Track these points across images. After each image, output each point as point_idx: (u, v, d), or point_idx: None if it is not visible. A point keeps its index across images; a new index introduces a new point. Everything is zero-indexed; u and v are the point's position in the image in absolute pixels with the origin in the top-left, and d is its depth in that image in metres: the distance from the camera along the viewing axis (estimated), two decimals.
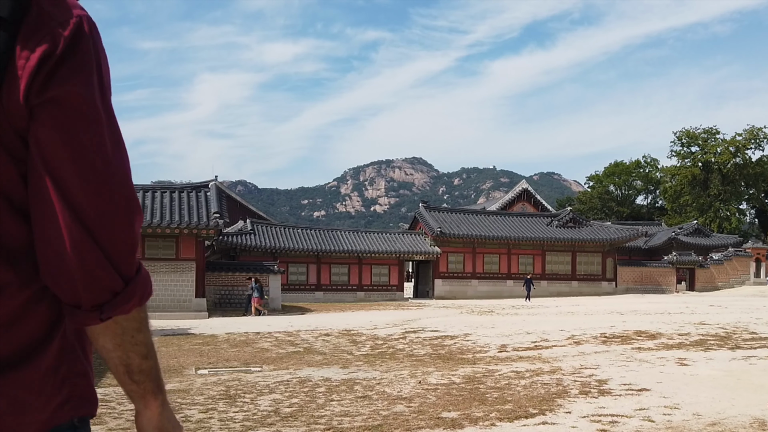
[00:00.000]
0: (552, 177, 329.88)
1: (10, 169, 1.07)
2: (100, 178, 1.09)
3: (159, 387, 1.26)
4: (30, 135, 1.07)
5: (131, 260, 1.13)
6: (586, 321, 21.79)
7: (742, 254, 62.13)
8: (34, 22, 1.06)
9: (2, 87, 1.04)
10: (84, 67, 1.09)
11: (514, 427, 6.99)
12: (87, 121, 1.09)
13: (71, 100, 1.07)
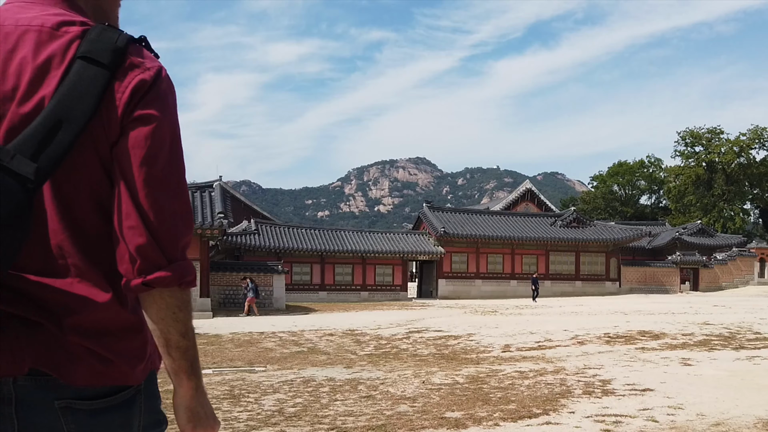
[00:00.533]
0: (556, 177, 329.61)
1: (102, 175, 1.41)
2: (157, 181, 1.40)
3: (194, 369, 1.50)
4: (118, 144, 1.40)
5: (175, 247, 1.42)
6: (589, 321, 21.78)
7: (746, 254, 62.03)
8: (129, 68, 1.42)
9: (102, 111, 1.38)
10: (161, 99, 1.44)
11: (517, 427, 7.00)
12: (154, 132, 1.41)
13: (149, 119, 1.41)
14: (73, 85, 1.37)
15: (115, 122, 1.39)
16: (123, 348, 1.44)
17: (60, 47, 1.41)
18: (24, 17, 1.46)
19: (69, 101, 1.36)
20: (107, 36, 1.43)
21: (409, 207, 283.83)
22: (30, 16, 1.46)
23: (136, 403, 1.50)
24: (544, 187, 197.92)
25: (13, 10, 1.48)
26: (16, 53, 1.42)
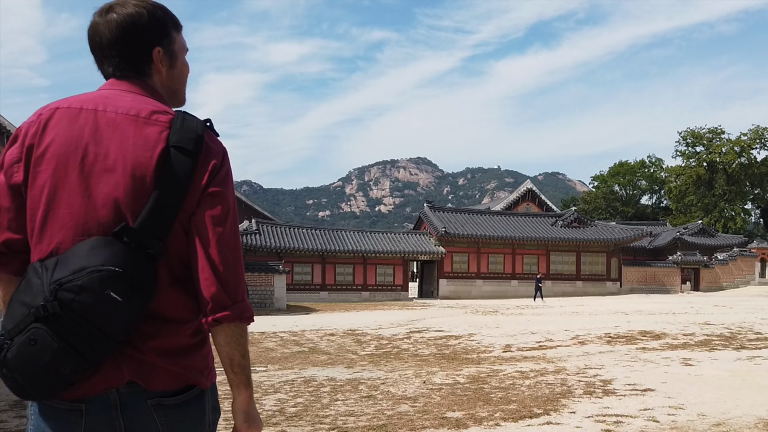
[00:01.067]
0: (556, 177, 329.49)
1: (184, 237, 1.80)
2: (223, 238, 1.79)
3: (249, 382, 1.87)
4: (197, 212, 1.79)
5: (237, 291, 1.81)
6: (590, 321, 21.78)
7: (747, 254, 62.01)
8: (205, 152, 1.80)
9: (189, 193, 1.76)
10: (227, 177, 1.84)
11: (518, 427, 7.01)
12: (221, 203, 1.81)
13: (219, 194, 1.80)
14: (171, 174, 1.75)
15: (195, 198, 1.79)
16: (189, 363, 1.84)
17: (154, 133, 1.79)
18: (122, 105, 1.82)
19: (169, 188, 1.75)
20: (189, 125, 1.82)
21: (410, 207, 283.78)
22: (127, 105, 1.82)
23: (205, 397, 1.89)
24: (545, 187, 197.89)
25: (112, 98, 1.85)
26: (118, 134, 1.78)
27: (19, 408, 8.28)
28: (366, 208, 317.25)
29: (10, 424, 7.33)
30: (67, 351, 1.64)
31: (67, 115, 1.82)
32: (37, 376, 1.66)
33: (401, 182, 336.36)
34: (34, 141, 1.80)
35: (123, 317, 1.68)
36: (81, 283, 1.63)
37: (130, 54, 1.91)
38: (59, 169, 1.76)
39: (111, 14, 1.90)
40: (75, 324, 1.64)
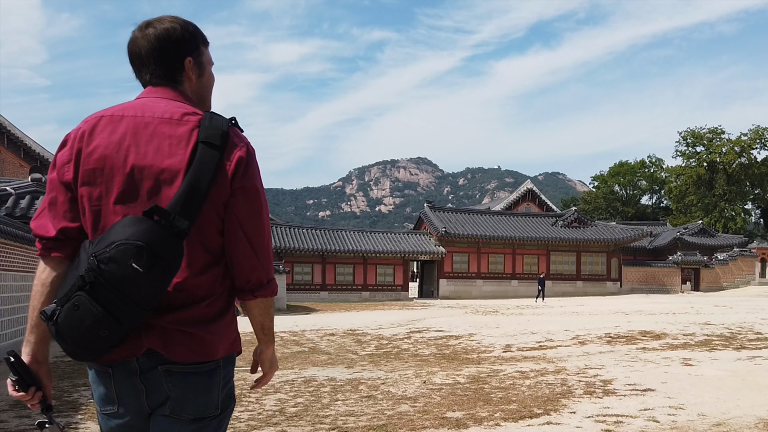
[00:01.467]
0: (557, 177, 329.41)
1: (219, 221, 2.10)
2: (260, 227, 2.14)
3: (273, 339, 2.38)
4: (229, 204, 2.08)
5: (270, 269, 2.20)
6: (590, 321, 21.78)
7: (748, 254, 62.01)
8: (230, 146, 2.08)
9: (216, 181, 2.04)
10: (254, 169, 2.13)
11: (518, 427, 7.00)
12: (256, 198, 2.12)
13: (249, 187, 2.10)
14: (199, 164, 2.03)
15: (225, 188, 2.07)
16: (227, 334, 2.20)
17: (185, 132, 2.08)
18: (158, 109, 2.11)
19: (198, 176, 2.02)
20: (215, 123, 2.10)
21: (410, 207, 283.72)
22: (162, 109, 2.11)
23: (216, 373, 2.15)
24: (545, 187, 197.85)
25: (149, 104, 2.13)
26: (155, 135, 2.07)
27: (19, 408, 8.29)
28: (366, 208, 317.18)
29: (10, 424, 7.33)
30: (104, 316, 1.92)
31: (110, 122, 2.12)
32: (82, 339, 1.97)
33: (401, 182, 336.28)
34: (82, 144, 2.10)
35: (147, 287, 1.92)
36: (109, 255, 1.89)
37: (166, 63, 2.21)
38: (106, 167, 2.07)
39: (149, 29, 2.20)
40: (108, 292, 1.90)
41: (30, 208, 17.65)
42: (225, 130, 2.09)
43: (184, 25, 2.22)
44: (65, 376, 11.28)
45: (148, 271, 1.90)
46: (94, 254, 1.91)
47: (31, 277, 15.90)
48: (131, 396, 2.10)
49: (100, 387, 2.15)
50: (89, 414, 7.88)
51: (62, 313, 1.96)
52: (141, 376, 2.07)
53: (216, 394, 2.15)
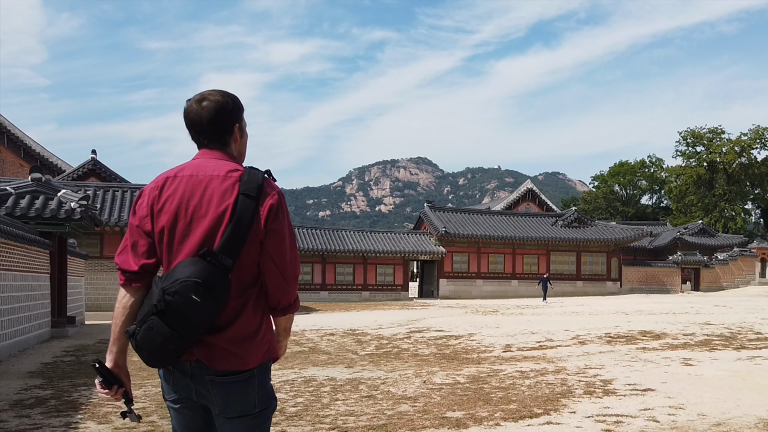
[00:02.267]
0: (557, 177, 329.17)
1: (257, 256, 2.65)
2: (286, 260, 2.67)
3: (289, 334, 2.93)
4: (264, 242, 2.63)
5: (295, 293, 2.76)
6: (590, 321, 21.78)
7: (748, 254, 62.04)
8: (264, 196, 2.62)
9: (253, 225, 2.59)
10: (282, 213, 2.66)
11: (518, 427, 7.00)
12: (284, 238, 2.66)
13: (278, 229, 2.64)
14: (240, 212, 2.60)
15: (260, 229, 2.62)
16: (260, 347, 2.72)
17: (230, 185, 2.65)
18: (209, 168, 2.71)
19: (239, 222, 2.59)
20: (252, 177, 2.66)
21: (410, 207, 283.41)
22: (212, 167, 2.71)
23: (251, 380, 2.69)
24: (546, 187, 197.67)
25: (202, 164, 2.73)
26: (207, 190, 2.66)
27: (18, 408, 8.29)
28: (366, 208, 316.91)
29: (10, 424, 7.33)
30: (171, 334, 2.53)
31: (173, 182, 2.72)
32: (155, 351, 2.56)
33: (401, 182, 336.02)
34: (154, 201, 2.71)
35: (204, 312, 2.53)
36: (175, 290, 2.51)
37: (220, 129, 2.80)
38: (171, 218, 2.68)
39: (205, 102, 2.78)
40: (175, 317, 2.51)
41: (30, 208, 17.66)
42: (260, 183, 2.67)
43: (232, 97, 2.85)
44: (65, 376, 11.28)
45: (204, 301, 2.52)
46: (163, 289, 2.54)
47: (30, 277, 15.92)
48: (185, 390, 2.73)
49: (167, 378, 2.78)
50: (89, 414, 7.88)
51: (140, 332, 2.57)
52: (192, 378, 2.68)
53: (253, 397, 2.72)
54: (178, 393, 2.76)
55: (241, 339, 2.65)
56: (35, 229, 17.28)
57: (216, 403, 2.69)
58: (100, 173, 41.38)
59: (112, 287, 28.27)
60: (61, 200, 18.39)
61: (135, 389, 9.72)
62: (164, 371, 2.77)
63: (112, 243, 28.69)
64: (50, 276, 18.50)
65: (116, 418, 7.60)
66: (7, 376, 11.12)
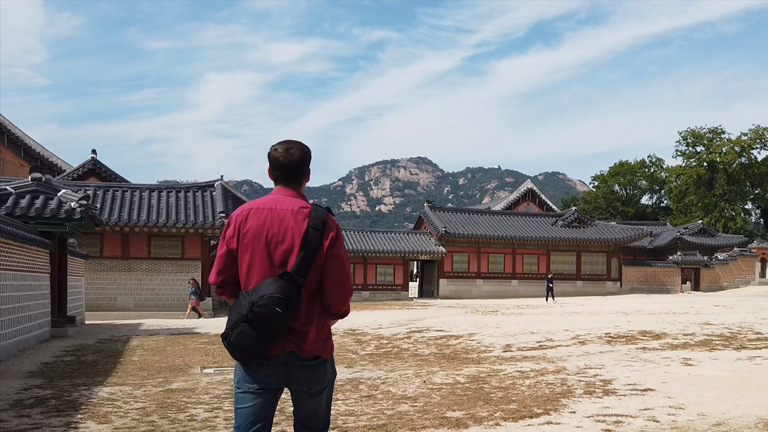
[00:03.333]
0: (557, 177, 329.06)
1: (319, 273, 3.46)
2: (345, 278, 3.50)
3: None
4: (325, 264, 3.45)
5: (349, 302, 3.58)
6: (590, 321, 21.78)
7: (748, 254, 62.02)
8: (327, 229, 3.42)
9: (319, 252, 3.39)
10: (340, 243, 3.48)
11: (518, 426, 7.00)
12: (342, 261, 3.48)
13: (337, 254, 3.45)
14: (309, 242, 3.36)
15: (323, 255, 3.41)
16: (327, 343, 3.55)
17: (301, 220, 3.41)
18: (285, 204, 3.47)
19: (308, 250, 3.36)
20: (319, 214, 3.43)
21: (410, 207, 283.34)
22: (287, 203, 3.47)
23: (325, 364, 3.55)
24: (546, 186, 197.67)
25: (280, 199, 3.50)
26: (283, 223, 3.42)
27: (18, 408, 8.29)
28: (366, 208, 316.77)
29: (10, 424, 7.33)
30: (258, 337, 3.33)
31: (256, 212, 3.50)
32: (245, 351, 3.37)
33: (401, 182, 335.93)
34: (241, 226, 3.49)
35: (284, 320, 3.33)
36: (263, 303, 3.29)
37: (300, 173, 3.62)
38: (253, 242, 3.44)
39: (292, 150, 3.58)
40: (261, 324, 3.31)
41: (30, 208, 17.66)
42: (324, 218, 3.47)
43: (308, 147, 3.66)
44: (65, 375, 11.28)
45: (284, 312, 3.31)
46: (252, 302, 3.32)
47: (30, 277, 15.91)
48: (274, 378, 3.48)
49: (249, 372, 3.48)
50: (89, 413, 7.88)
51: (233, 336, 3.37)
52: (284, 365, 3.47)
53: (327, 375, 3.59)
54: (263, 382, 3.48)
55: (322, 339, 3.54)
56: (35, 229, 17.28)
57: (303, 381, 3.51)
58: (100, 173, 41.41)
59: (111, 287, 28.29)
60: (61, 200, 18.39)
61: (135, 389, 9.73)
62: (252, 365, 3.47)
63: (112, 243, 28.69)
64: (50, 276, 18.50)
65: (116, 418, 7.61)
66: (7, 376, 11.12)
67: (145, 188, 30.90)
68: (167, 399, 8.87)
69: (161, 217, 28.79)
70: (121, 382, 10.47)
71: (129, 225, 27.90)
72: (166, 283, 28.54)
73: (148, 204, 29.66)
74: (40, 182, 19.12)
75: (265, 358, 3.43)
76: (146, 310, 28.29)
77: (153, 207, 29.48)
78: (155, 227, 28.16)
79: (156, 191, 30.80)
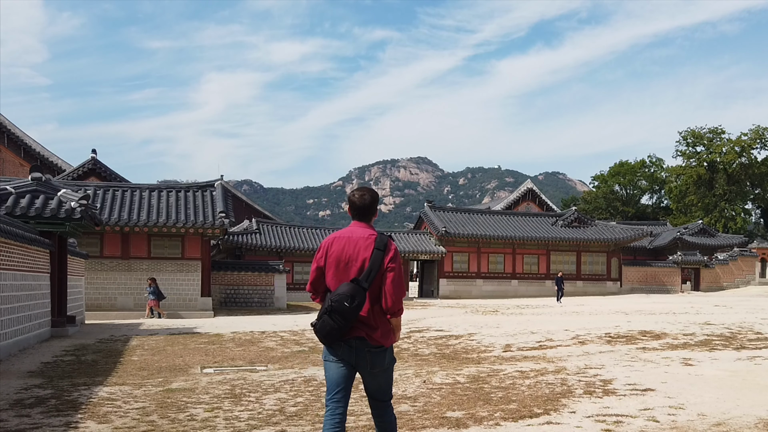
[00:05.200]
0: (557, 177, 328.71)
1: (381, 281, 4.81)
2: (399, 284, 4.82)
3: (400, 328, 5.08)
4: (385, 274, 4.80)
5: (402, 304, 4.89)
6: (590, 321, 21.78)
7: (748, 254, 62.00)
8: (387, 250, 4.82)
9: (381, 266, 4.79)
10: (397, 259, 4.84)
11: (518, 426, 7.01)
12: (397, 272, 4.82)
13: (393, 267, 4.80)
14: (374, 259, 4.74)
15: (383, 269, 4.75)
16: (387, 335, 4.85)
17: (369, 244, 4.80)
18: (358, 233, 4.86)
19: (373, 264, 4.73)
20: (381, 239, 4.81)
21: (410, 206, 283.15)
22: (359, 233, 4.86)
23: (387, 351, 4.85)
24: (546, 186, 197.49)
25: (354, 231, 4.88)
26: (356, 247, 4.80)
27: (18, 407, 8.29)
28: None
29: (10, 423, 7.33)
30: (334, 325, 4.65)
31: (337, 240, 4.84)
32: (326, 335, 4.69)
33: (402, 182, 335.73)
34: (327, 250, 4.84)
35: (352, 312, 4.61)
36: (336, 299, 4.63)
37: (370, 212, 4.95)
38: (334, 261, 4.80)
39: (366, 195, 4.94)
40: (336, 315, 4.62)
41: (30, 207, 17.67)
42: (385, 242, 4.80)
43: (376, 193, 5.03)
44: (65, 375, 11.28)
45: (351, 305, 4.62)
46: (330, 299, 4.68)
47: (30, 277, 15.91)
48: (348, 356, 4.79)
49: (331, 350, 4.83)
50: (89, 413, 7.88)
51: (318, 324, 4.74)
52: (355, 349, 4.77)
53: (388, 359, 4.88)
54: (341, 357, 4.80)
55: (386, 333, 4.85)
56: (35, 229, 17.28)
57: (369, 364, 4.81)
58: (100, 173, 41.42)
59: (111, 287, 28.29)
60: (61, 200, 18.39)
61: (135, 389, 9.73)
62: (333, 345, 4.80)
63: (112, 242, 28.68)
64: (50, 275, 18.50)
65: (116, 418, 7.61)
66: (7, 376, 11.12)
67: (145, 188, 30.90)
68: (167, 399, 8.88)
69: (161, 216, 28.78)
70: (121, 382, 10.47)
71: (129, 225, 27.89)
72: (166, 283, 28.52)
73: (148, 204, 29.65)
74: (40, 182, 19.12)
75: (343, 341, 4.76)
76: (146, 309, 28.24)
77: (153, 207, 29.48)
78: (155, 227, 28.15)
79: (156, 191, 30.80)
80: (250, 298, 34.68)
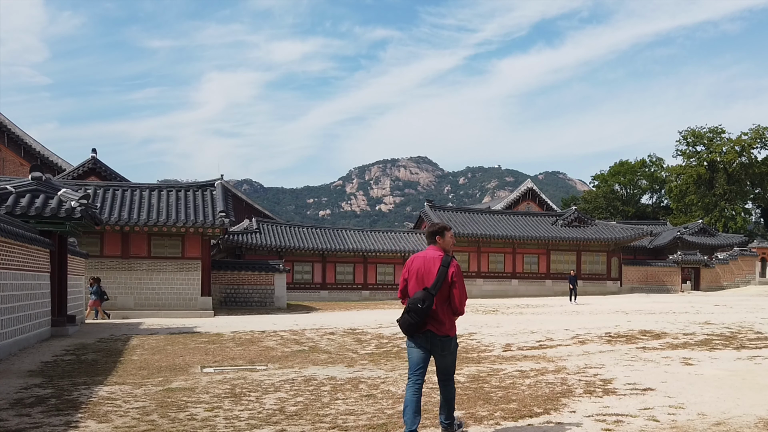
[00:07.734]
0: (557, 176, 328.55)
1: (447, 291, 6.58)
2: (461, 293, 6.62)
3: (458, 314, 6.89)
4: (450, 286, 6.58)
5: (464, 307, 6.69)
6: (590, 320, 21.78)
7: (748, 254, 61.97)
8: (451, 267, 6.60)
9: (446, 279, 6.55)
10: (459, 274, 6.65)
11: (518, 426, 7.01)
12: (461, 284, 6.61)
13: (457, 281, 6.59)
14: (440, 273, 6.50)
15: (448, 282, 6.51)
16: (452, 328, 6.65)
17: (437, 262, 6.58)
18: (431, 253, 6.69)
19: (439, 278, 6.49)
20: (446, 259, 6.60)
21: (410, 206, 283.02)
22: (432, 254, 6.68)
23: (453, 339, 6.65)
24: (546, 186, 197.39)
25: (428, 252, 6.73)
26: (428, 264, 6.61)
27: (19, 407, 8.29)
28: (366, 207, 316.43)
29: (10, 423, 7.33)
30: (413, 321, 6.44)
31: (416, 259, 6.69)
32: (407, 328, 6.49)
33: (402, 181, 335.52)
34: (410, 265, 6.70)
35: (423, 312, 6.38)
36: (413, 302, 6.42)
37: (432, 238, 6.80)
38: (414, 274, 6.62)
39: (431, 229, 6.81)
40: (413, 313, 6.41)
41: (30, 207, 17.66)
42: (449, 261, 6.51)
43: (442, 225, 6.86)
44: (65, 375, 11.28)
45: (422, 307, 6.34)
46: (409, 302, 6.45)
47: (30, 276, 15.91)
48: (424, 343, 6.50)
49: (411, 338, 6.55)
50: (89, 413, 7.89)
51: (402, 319, 6.47)
52: (430, 338, 6.47)
53: (454, 345, 6.61)
54: (419, 344, 6.48)
55: (450, 326, 6.51)
56: (35, 228, 17.28)
57: (439, 348, 6.48)
58: (100, 172, 41.44)
59: (111, 286, 28.28)
60: (61, 199, 18.39)
61: (135, 388, 9.73)
62: (413, 336, 6.47)
63: (113, 242, 28.68)
64: (50, 275, 18.50)
65: (116, 417, 7.61)
66: (8, 375, 11.12)
67: (146, 187, 30.89)
68: (167, 398, 8.88)
69: (161, 216, 28.77)
70: (122, 381, 10.48)
71: (129, 224, 27.89)
72: (166, 283, 28.52)
73: (148, 203, 29.65)
74: (41, 181, 19.12)
75: (420, 332, 6.42)
76: (146, 309, 28.27)
77: (153, 206, 29.47)
78: (155, 226, 28.14)
79: (156, 190, 30.79)
80: (250, 298, 34.68)
